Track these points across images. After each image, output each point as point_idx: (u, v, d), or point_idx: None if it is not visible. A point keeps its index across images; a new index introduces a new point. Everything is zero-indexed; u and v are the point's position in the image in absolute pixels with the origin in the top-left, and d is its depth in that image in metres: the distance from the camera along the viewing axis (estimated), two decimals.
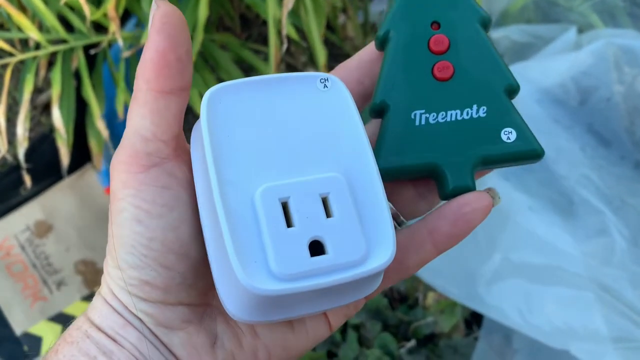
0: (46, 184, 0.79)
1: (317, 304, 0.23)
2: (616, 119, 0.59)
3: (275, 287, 0.21)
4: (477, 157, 0.26)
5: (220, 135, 0.23)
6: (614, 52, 0.58)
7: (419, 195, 0.28)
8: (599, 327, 0.49)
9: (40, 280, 0.77)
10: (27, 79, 0.63)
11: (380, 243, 0.23)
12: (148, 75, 0.23)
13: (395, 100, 0.26)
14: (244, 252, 0.22)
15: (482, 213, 0.25)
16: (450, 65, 0.26)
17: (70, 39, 0.65)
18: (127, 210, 0.24)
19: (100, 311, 0.25)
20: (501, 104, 0.26)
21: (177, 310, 0.24)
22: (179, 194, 0.24)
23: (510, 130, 0.26)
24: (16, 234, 0.78)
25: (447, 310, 0.60)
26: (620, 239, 0.53)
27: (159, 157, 0.24)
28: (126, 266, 0.24)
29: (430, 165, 0.26)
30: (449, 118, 0.26)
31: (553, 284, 0.52)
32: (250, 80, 0.24)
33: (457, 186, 0.25)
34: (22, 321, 0.75)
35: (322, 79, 0.25)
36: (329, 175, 0.23)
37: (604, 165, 0.58)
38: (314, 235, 0.22)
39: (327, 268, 0.22)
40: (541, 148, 0.26)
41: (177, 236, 0.24)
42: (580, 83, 0.60)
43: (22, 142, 0.63)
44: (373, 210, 0.23)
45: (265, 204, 0.22)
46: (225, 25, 0.91)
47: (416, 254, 0.26)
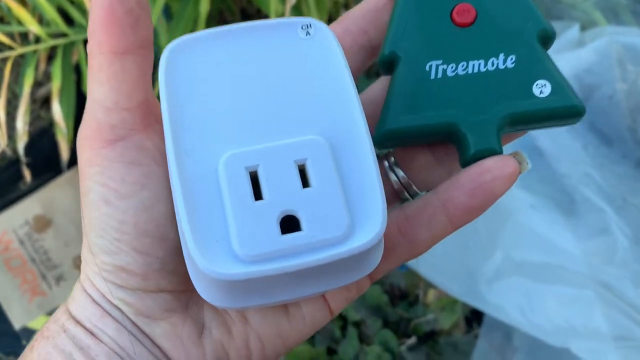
0: (45, 178, 0.79)
1: (301, 288, 0.20)
2: (618, 117, 0.59)
3: (236, 270, 0.18)
4: (504, 115, 0.22)
5: (182, 96, 0.20)
6: (617, 50, 0.58)
7: (437, 161, 0.24)
8: (600, 325, 0.49)
9: (39, 275, 0.76)
10: (27, 73, 0.63)
11: (368, 216, 0.19)
12: (98, 36, 0.20)
13: (407, 51, 0.22)
14: (203, 230, 0.19)
15: (505, 181, 0.21)
16: (472, 7, 0.23)
17: (70, 32, 0.64)
18: (94, 191, 0.21)
19: (79, 301, 0.22)
20: (533, 52, 0.22)
21: (159, 298, 0.22)
22: (150, 170, 0.21)
23: (544, 83, 0.22)
24: (15, 229, 0.78)
25: (447, 307, 0.60)
26: (622, 237, 0.52)
27: (125, 128, 0.21)
28: (98, 251, 0.21)
29: (448, 125, 0.22)
30: (470, 69, 0.22)
31: (554, 283, 0.52)
32: (219, 31, 0.21)
33: (479, 149, 0.21)
34: (21, 316, 0.75)
35: (304, 25, 0.21)
36: (307, 139, 0.20)
37: (606, 164, 0.58)
38: (287, 208, 0.19)
39: (300, 247, 0.18)
40: (582, 104, 0.22)
41: (152, 217, 0.21)
42: (583, 81, 0.60)
43: (21, 136, 0.62)
44: (360, 178, 0.20)
45: (230, 173, 0.19)
46: (226, 20, 0.90)
47: (428, 229, 0.22)
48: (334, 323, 0.60)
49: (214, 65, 0.21)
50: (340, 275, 0.20)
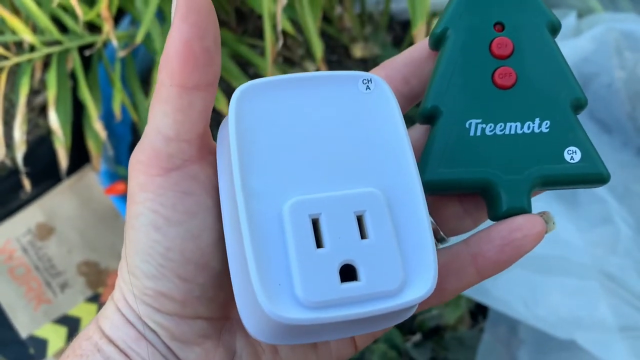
0: (46, 186, 0.79)
1: (345, 331, 0.21)
2: (618, 105, 0.58)
3: (300, 315, 0.19)
4: (536, 177, 0.23)
5: (249, 139, 0.21)
6: (615, 38, 0.57)
7: (465, 211, 0.25)
8: (605, 316, 0.49)
9: (44, 282, 0.77)
10: (23, 82, 0.63)
11: (420, 271, 0.20)
12: (172, 69, 0.21)
13: (448, 106, 0.24)
14: (268, 273, 0.19)
15: (534, 240, 0.22)
16: (513, 72, 0.24)
17: (64, 40, 0.64)
18: (144, 216, 0.22)
19: (112, 321, 0.23)
20: (566, 119, 0.24)
21: (195, 324, 0.23)
22: (201, 200, 0.22)
23: (574, 150, 0.23)
24: (18, 237, 0.78)
25: (452, 302, 0.59)
26: (624, 227, 0.52)
27: (182, 158, 0.22)
28: (141, 275, 0.22)
29: (483, 181, 0.23)
30: (507, 131, 0.23)
31: (558, 274, 0.52)
32: (285, 79, 0.22)
33: (511, 207, 0.23)
34: (27, 324, 0.75)
35: (364, 80, 0.22)
36: (366, 191, 0.21)
37: (607, 152, 0.57)
38: (346, 258, 0.20)
39: (359, 297, 0.19)
40: (607, 172, 0.24)
41: (198, 245, 0.22)
42: (581, 70, 0.59)
43: (19, 146, 0.62)
44: (414, 232, 0.21)
45: (294, 219, 0.20)
46: (221, 20, 0.90)
47: (457, 279, 0.23)
48: None
49: (281, 111, 0.22)
50: (384, 322, 0.21)
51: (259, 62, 0.73)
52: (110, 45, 0.72)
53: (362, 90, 0.22)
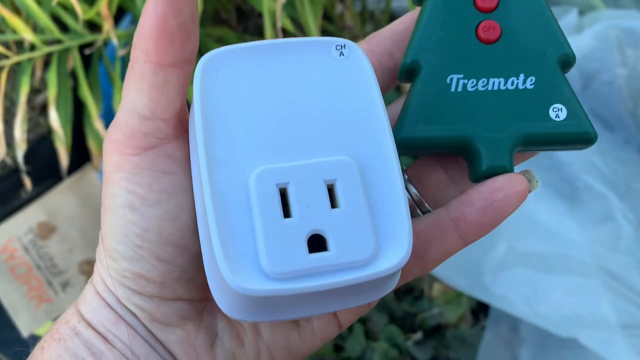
0: (47, 185, 0.79)
1: (321, 306, 0.20)
2: (619, 102, 0.58)
3: (263, 287, 0.18)
4: (519, 135, 0.22)
5: (216, 108, 0.20)
6: (616, 35, 0.57)
7: (450, 179, 0.24)
8: (607, 314, 0.49)
9: (45, 281, 0.77)
10: (23, 81, 0.63)
11: (394, 240, 0.19)
12: (146, 45, 0.20)
13: (429, 61, 0.23)
14: (232, 244, 0.19)
15: (516, 200, 0.21)
16: (498, 25, 0.23)
17: (65, 39, 0.64)
18: (120, 196, 0.21)
19: (91, 304, 0.22)
20: (553, 75, 0.22)
21: (175, 306, 0.22)
22: (179, 180, 0.22)
23: (560, 107, 0.22)
24: (19, 236, 0.78)
25: (453, 300, 0.59)
26: (626, 224, 0.52)
27: (157, 137, 0.21)
28: (118, 257, 0.21)
29: (462, 139, 0.22)
30: (490, 86, 0.22)
31: (559, 272, 0.52)
32: (254, 45, 0.21)
33: (492, 166, 0.22)
34: (28, 323, 0.75)
35: (338, 46, 0.21)
36: (337, 159, 0.20)
37: (609, 150, 0.57)
38: (315, 228, 0.19)
39: (328, 267, 0.19)
40: (594, 131, 0.23)
41: (176, 226, 0.21)
42: (583, 67, 0.59)
43: (20, 145, 0.62)
44: (388, 201, 0.20)
45: (261, 189, 0.19)
46: (222, 18, 0.90)
47: (439, 246, 0.23)
48: None
49: (248, 79, 0.21)
50: (361, 295, 0.20)
51: None
52: (110, 44, 0.72)
53: (336, 57, 0.21)
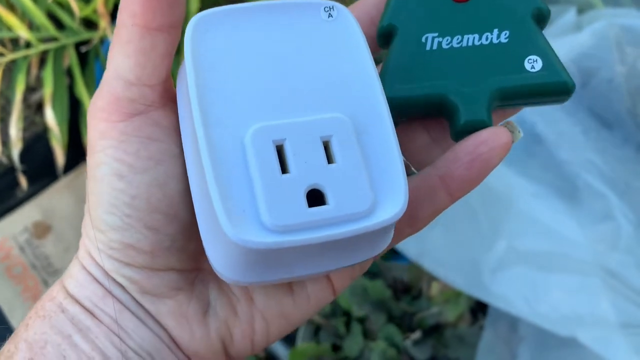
0: (43, 184, 0.78)
1: (318, 264, 0.20)
2: (618, 100, 0.58)
3: (266, 239, 0.18)
4: (495, 88, 0.22)
5: (207, 70, 0.20)
6: (615, 33, 0.57)
7: (433, 140, 0.25)
8: (606, 313, 0.49)
9: (41, 281, 0.76)
10: (19, 79, 0.62)
11: (390, 193, 0.20)
12: (133, 8, 0.20)
13: (404, 23, 0.23)
14: (232, 201, 0.19)
15: (501, 151, 0.22)
16: None
17: (60, 36, 0.64)
18: (107, 164, 0.21)
19: (77, 279, 0.22)
20: (527, 28, 0.23)
21: (166, 277, 0.22)
22: (166, 147, 0.21)
23: (535, 59, 0.22)
24: (15, 236, 0.78)
25: (451, 299, 0.59)
26: (625, 223, 0.52)
27: (144, 104, 0.21)
28: (106, 227, 0.21)
29: (440, 96, 0.23)
30: (465, 43, 0.23)
31: (559, 271, 0.51)
32: (243, 7, 0.21)
33: (470, 120, 0.22)
34: None
35: (326, 7, 0.21)
36: (332, 116, 0.20)
37: (608, 148, 0.57)
38: (313, 182, 0.19)
39: (327, 220, 0.19)
40: (571, 80, 0.23)
41: (165, 193, 0.21)
42: (582, 65, 0.59)
43: (15, 143, 0.62)
44: (382, 156, 0.20)
45: (257, 146, 0.19)
46: None
47: (429, 204, 0.23)
48: (338, 319, 0.60)
49: (239, 39, 0.21)
50: (358, 252, 0.20)
51: None
52: (107, 41, 0.71)
53: (325, 19, 0.21)
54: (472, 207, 0.56)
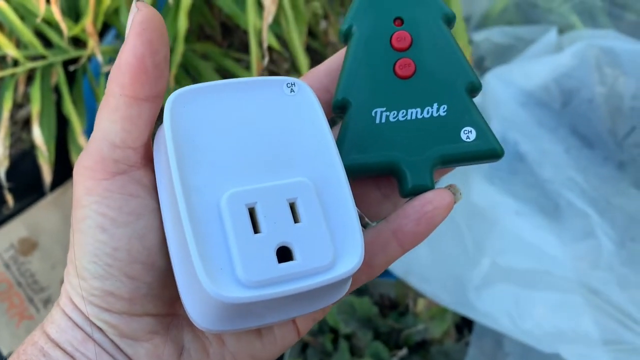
0: (29, 200, 0.78)
1: (286, 311, 0.23)
2: (599, 120, 0.59)
3: (241, 294, 0.20)
4: (436, 156, 0.26)
5: (185, 140, 0.22)
6: (595, 54, 0.58)
7: (384, 196, 0.28)
8: (589, 330, 0.50)
9: (26, 298, 0.76)
10: (6, 97, 0.62)
11: (349, 248, 0.22)
12: (123, 80, 0.22)
13: (356, 97, 0.26)
14: (210, 259, 0.21)
15: (444, 210, 0.25)
16: (412, 62, 0.26)
17: (48, 54, 0.64)
18: (91, 218, 0.23)
19: (59, 325, 0.24)
20: (462, 102, 0.26)
21: (143, 321, 0.24)
22: (146, 202, 0.23)
23: (470, 130, 0.26)
24: (0, 253, 0.77)
25: (437, 316, 0.60)
26: (606, 240, 0.53)
27: (127, 164, 0.23)
28: (89, 276, 0.23)
29: (390, 164, 0.26)
30: (409, 116, 0.26)
31: (542, 288, 0.52)
32: (216, 84, 0.23)
33: (415, 185, 0.25)
34: (8, 341, 0.74)
35: (288, 84, 0.24)
36: (297, 180, 0.23)
37: (589, 167, 0.58)
38: (282, 241, 0.22)
39: (295, 274, 0.21)
40: (501, 148, 0.26)
41: (144, 245, 0.23)
42: (563, 85, 0.60)
43: (2, 162, 0.62)
44: (341, 214, 0.23)
45: (232, 209, 0.22)
46: (207, 34, 0.90)
47: (383, 254, 0.26)
48: (325, 336, 0.60)
49: (213, 113, 0.23)
50: (320, 299, 0.23)
51: (244, 76, 0.73)
52: (94, 59, 0.71)
53: (287, 93, 0.24)
54: (457, 225, 0.57)
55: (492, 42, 0.72)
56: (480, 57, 0.73)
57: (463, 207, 0.57)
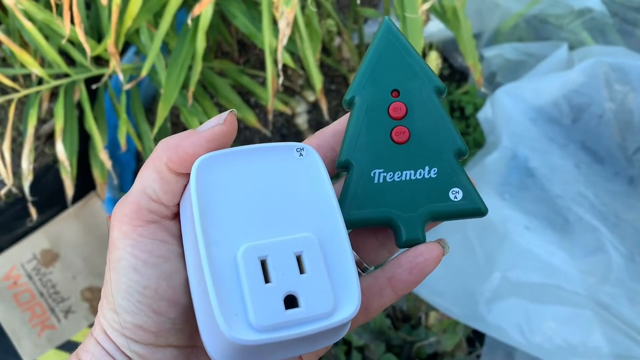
0: (51, 213, 0.80)
1: (292, 350, 0.26)
2: (608, 135, 0.60)
3: (253, 337, 0.24)
4: (427, 213, 0.29)
5: (207, 199, 0.26)
6: (605, 71, 0.59)
7: (380, 244, 0.30)
8: (599, 344, 0.50)
9: (48, 308, 0.78)
10: (31, 114, 0.64)
11: (347, 296, 0.25)
12: (173, 158, 0.26)
13: (357, 160, 0.29)
14: (226, 305, 0.24)
15: (434, 262, 0.28)
16: (407, 130, 0.30)
17: (72, 72, 0.66)
18: (125, 259, 0.26)
19: (93, 353, 0.26)
20: (450, 166, 0.29)
21: (167, 352, 0.27)
22: (174, 248, 0.27)
23: (457, 190, 0.29)
24: (23, 264, 0.79)
25: (449, 329, 0.60)
26: (616, 255, 0.53)
27: (159, 215, 0.27)
28: (122, 311, 0.26)
29: (386, 219, 0.29)
30: (404, 177, 0.29)
31: (552, 303, 0.53)
32: (235, 150, 0.27)
33: (409, 239, 0.29)
34: (30, 350, 0.76)
35: (298, 149, 0.28)
36: (303, 236, 0.26)
37: (599, 182, 0.59)
38: (289, 290, 0.25)
39: (300, 320, 0.24)
40: (484, 207, 0.29)
41: (170, 285, 0.26)
42: (573, 101, 0.61)
43: (27, 176, 0.64)
44: (341, 266, 0.26)
45: (246, 262, 0.25)
46: (224, 50, 0.92)
47: (378, 300, 0.29)
48: (338, 348, 0.61)
49: (232, 175, 0.27)
50: (322, 340, 0.26)
51: (260, 92, 0.75)
52: (115, 76, 0.74)
53: (296, 157, 0.28)
54: (469, 240, 0.58)
55: (504, 57, 0.73)
56: (491, 73, 0.74)
57: (474, 222, 0.58)
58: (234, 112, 0.27)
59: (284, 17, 0.54)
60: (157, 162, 0.26)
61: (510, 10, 0.73)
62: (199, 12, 0.57)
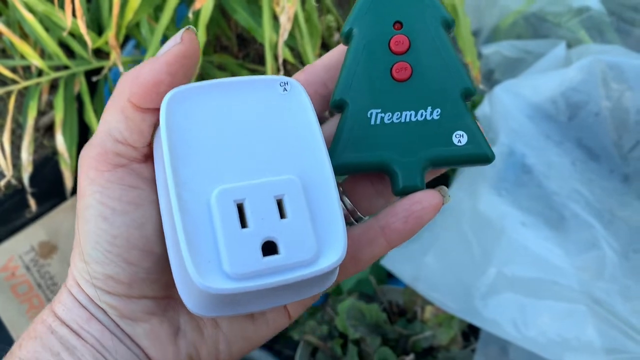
0: (50, 205, 0.80)
1: (272, 300, 0.24)
2: (604, 133, 0.60)
3: (226, 286, 0.22)
4: (428, 158, 0.26)
5: (179, 137, 0.23)
6: (601, 69, 0.60)
7: (377, 192, 0.28)
8: (593, 339, 0.51)
9: (46, 300, 0.78)
10: (31, 106, 0.65)
11: (332, 243, 0.23)
12: (135, 90, 0.24)
13: (353, 98, 0.27)
14: (198, 252, 0.22)
15: (432, 211, 0.26)
16: (409, 66, 0.27)
17: (71, 64, 0.66)
18: (93, 207, 0.24)
19: (65, 304, 0.25)
20: (456, 107, 0.26)
21: (141, 303, 0.25)
22: (145, 193, 0.25)
23: (461, 134, 0.26)
24: (21, 255, 0.80)
25: (444, 323, 0.61)
26: (610, 252, 0.54)
27: (127, 158, 0.25)
28: (91, 260, 0.24)
29: (382, 164, 0.26)
30: (403, 119, 0.27)
31: (547, 298, 0.54)
32: (210, 83, 0.24)
33: (406, 185, 0.26)
34: None
35: (281, 83, 0.25)
36: (285, 178, 0.23)
37: (594, 179, 0.59)
38: (268, 235, 0.23)
39: (278, 268, 0.22)
40: (492, 152, 0.27)
41: (142, 233, 0.24)
42: (570, 99, 0.61)
43: (26, 168, 0.64)
44: (326, 211, 0.24)
45: (221, 205, 0.22)
46: (223, 45, 0.92)
47: (369, 249, 0.27)
48: (334, 341, 0.61)
49: (207, 112, 0.24)
50: (306, 289, 0.24)
51: None
52: (115, 68, 0.74)
53: (280, 92, 0.25)
54: (465, 235, 0.58)
55: (502, 55, 0.73)
56: (489, 70, 0.75)
57: (471, 217, 0.58)
58: (191, 28, 0.24)
59: (285, 12, 0.55)
60: (119, 100, 0.24)
61: (509, 8, 0.74)
62: (199, 6, 0.57)
